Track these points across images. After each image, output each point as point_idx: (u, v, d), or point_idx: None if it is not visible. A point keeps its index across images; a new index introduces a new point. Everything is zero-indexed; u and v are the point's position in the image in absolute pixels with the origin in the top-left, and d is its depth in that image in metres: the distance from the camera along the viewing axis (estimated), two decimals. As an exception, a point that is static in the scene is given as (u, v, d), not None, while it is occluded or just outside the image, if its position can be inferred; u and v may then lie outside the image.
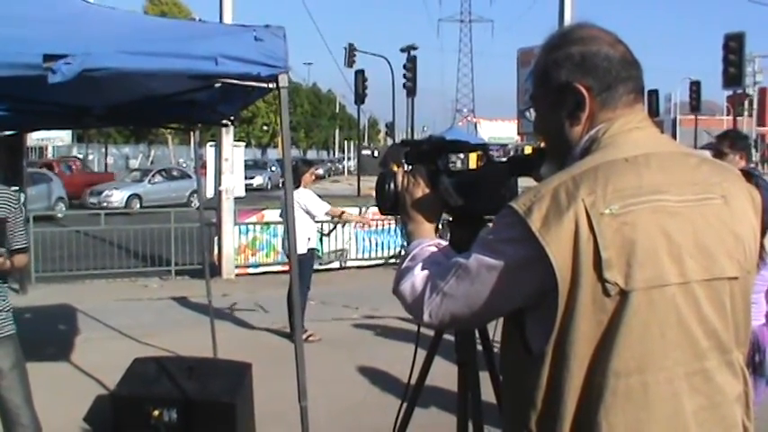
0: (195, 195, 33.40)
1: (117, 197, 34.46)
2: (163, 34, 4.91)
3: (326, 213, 11.04)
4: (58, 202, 29.77)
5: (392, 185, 2.54)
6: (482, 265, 1.95)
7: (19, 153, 14.41)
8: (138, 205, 33.90)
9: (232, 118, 7.79)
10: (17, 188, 6.56)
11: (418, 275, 2.14)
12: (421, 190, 2.44)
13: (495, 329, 2.18)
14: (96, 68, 4.01)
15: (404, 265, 2.25)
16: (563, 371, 1.85)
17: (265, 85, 4.61)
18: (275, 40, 4.47)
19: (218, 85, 4.95)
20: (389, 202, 2.55)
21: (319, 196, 10.79)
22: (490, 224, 2.08)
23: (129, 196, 35.03)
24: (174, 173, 40.10)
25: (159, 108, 7.13)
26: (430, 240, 2.33)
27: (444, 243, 2.35)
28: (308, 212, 10.32)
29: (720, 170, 2.06)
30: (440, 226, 2.55)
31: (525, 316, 1.96)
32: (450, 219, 2.63)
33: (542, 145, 2.26)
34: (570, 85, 2.03)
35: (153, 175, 38.00)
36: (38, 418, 5.30)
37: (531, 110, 2.20)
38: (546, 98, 2.11)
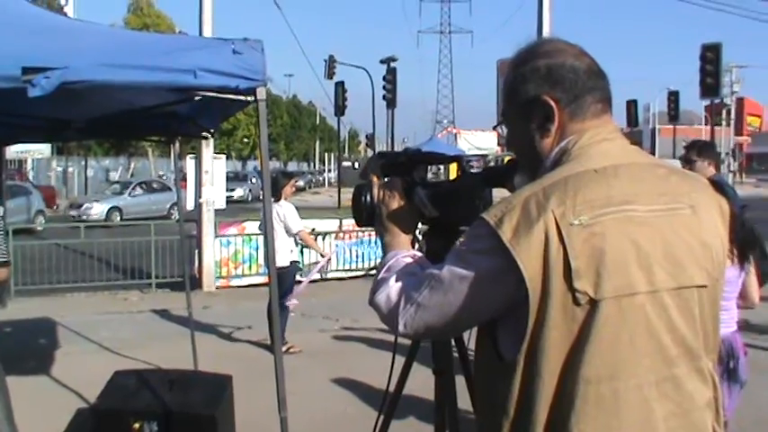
0: (175, 208, 33.34)
1: (97, 210, 34.30)
2: (142, 47, 4.92)
3: (298, 233, 10.65)
4: (37, 215, 29.64)
5: (368, 197, 2.56)
6: (455, 275, 1.97)
7: (-2, 166, 14.36)
8: (119, 218, 33.77)
9: (212, 130, 7.80)
10: (-4, 202, 6.54)
11: (393, 287, 2.16)
12: (396, 202, 2.47)
13: (470, 338, 2.21)
14: (76, 81, 4.03)
15: (379, 276, 2.27)
16: (535, 379, 1.88)
17: (244, 97, 4.64)
18: (253, 54, 4.50)
19: (197, 98, 4.97)
20: (366, 214, 2.57)
21: (297, 209, 10.72)
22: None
23: (110, 209, 34.87)
24: (155, 185, 40.01)
25: (139, 121, 7.14)
26: (405, 251, 2.36)
27: (420, 254, 2.37)
28: (284, 226, 10.27)
29: (689, 180, 2.09)
30: (419, 237, 2.58)
31: (497, 325, 1.98)
32: (427, 230, 2.66)
33: None
34: (538, 97, 2.07)
35: (133, 188, 37.86)
36: (18, 433, 5.29)
37: (503, 126, 2.24)
38: (516, 112, 2.15)
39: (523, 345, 1.88)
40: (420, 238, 2.62)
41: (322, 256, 13.67)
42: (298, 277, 11.18)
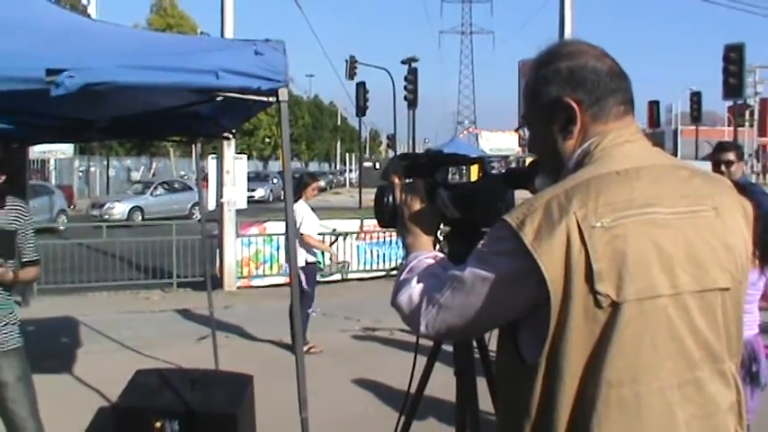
0: (197, 207, 33.49)
1: (119, 210, 34.39)
2: (164, 49, 4.95)
3: (302, 236, 10.32)
4: (59, 215, 29.77)
5: (390, 199, 2.56)
6: (476, 277, 1.97)
7: (22, 166, 14.46)
8: (140, 218, 33.85)
9: (233, 131, 7.82)
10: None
11: (415, 288, 2.16)
12: (418, 203, 2.47)
13: (490, 338, 2.21)
14: (98, 82, 4.05)
15: (402, 277, 2.27)
16: (556, 381, 1.88)
17: (266, 98, 4.65)
18: (275, 54, 4.51)
19: (219, 98, 4.99)
20: (388, 215, 2.58)
21: (315, 210, 10.72)
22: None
23: (131, 209, 34.94)
24: (176, 185, 40.11)
25: (161, 121, 7.16)
26: (427, 253, 2.36)
27: (441, 255, 2.38)
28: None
29: (712, 182, 2.08)
30: (440, 238, 2.58)
31: (519, 327, 1.98)
32: (449, 231, 2.66)
33: None
34: (561, 100, 2.06)
35: (155, 188, 37.96)
36: (44, 431, 5.32)
37: (525, 128, 2.24)
38: (538, 115, 2.14)
39: (545, 347, 1.88)
40: (442, 239, 2.62)
41: (331, 258, 13.69)
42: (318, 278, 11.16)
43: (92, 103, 5.33)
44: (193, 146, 8.90)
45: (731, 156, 6.67)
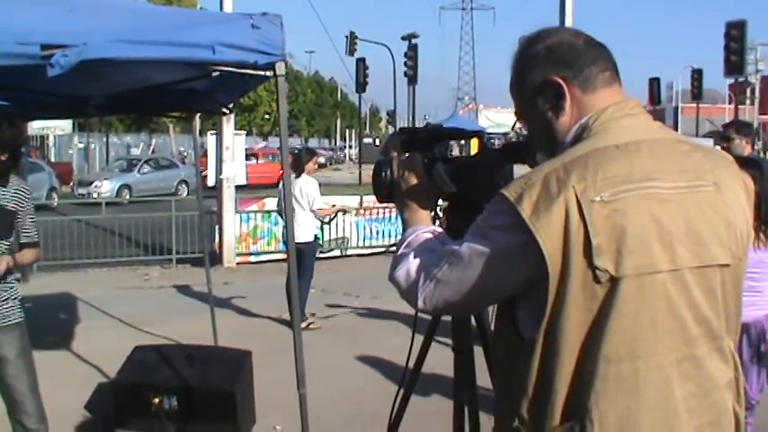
0: (183, 185, 33.64)
1: (107, 188, 33.80)
2: (160, 23, 4.91)
3: (318, 210, 10.63)
4: (50, 193, 29.68)
5: (388, 173, 2.55)
6: (474, 251, 1.96)
7: (21, 143, 14.39)
8: (129, 196, 33.47)
9: (230, 106, 7.78)
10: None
11: (412, 262, 2.15)
12: (415, 177, 2.45)
13: (492, 315, 2.19)
14: (94, 59, 4.02)
15: (399, 252, 2.26)
16: (554, 357, 1.86)
17: (263, 72, 4.61)
18: (272, 28, 4.47)
19: (215, 73, 4.95)
20: (386, 190, 2.56)
21: (319, 185, 10.74)
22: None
23: (120, 186, 34.55)
24: (162, 162, 39.72)
25: (157, 97, 7.12)
26: (425, 227, 2.34)
27: (440, 230, 2.36)
28: (308, 201, 10.27)
29: (713, 157, 2.05)
30: (440, 213, 2.56)
31: (517, 303, 1.97)
32: (448, 205, 2.64)
33: None
34: (545, 80, 2.06)
35: (141, 165, 37.51)
36: (43, 406, 5.31)
37: (522, 123, 2.23)
38: (529, 104, 2.13)
39: (543, 323, 1.86)
40: (441, 214, 2.60)
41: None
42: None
43: (87, 79, 5.28)
44: (192, 122, 8.86)
45: (731, 133, 6.82)
